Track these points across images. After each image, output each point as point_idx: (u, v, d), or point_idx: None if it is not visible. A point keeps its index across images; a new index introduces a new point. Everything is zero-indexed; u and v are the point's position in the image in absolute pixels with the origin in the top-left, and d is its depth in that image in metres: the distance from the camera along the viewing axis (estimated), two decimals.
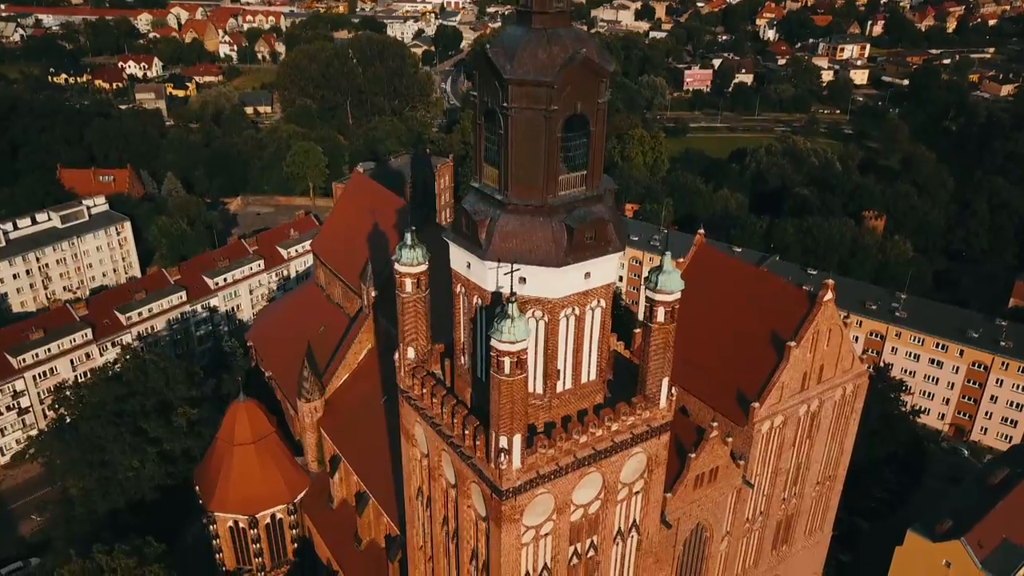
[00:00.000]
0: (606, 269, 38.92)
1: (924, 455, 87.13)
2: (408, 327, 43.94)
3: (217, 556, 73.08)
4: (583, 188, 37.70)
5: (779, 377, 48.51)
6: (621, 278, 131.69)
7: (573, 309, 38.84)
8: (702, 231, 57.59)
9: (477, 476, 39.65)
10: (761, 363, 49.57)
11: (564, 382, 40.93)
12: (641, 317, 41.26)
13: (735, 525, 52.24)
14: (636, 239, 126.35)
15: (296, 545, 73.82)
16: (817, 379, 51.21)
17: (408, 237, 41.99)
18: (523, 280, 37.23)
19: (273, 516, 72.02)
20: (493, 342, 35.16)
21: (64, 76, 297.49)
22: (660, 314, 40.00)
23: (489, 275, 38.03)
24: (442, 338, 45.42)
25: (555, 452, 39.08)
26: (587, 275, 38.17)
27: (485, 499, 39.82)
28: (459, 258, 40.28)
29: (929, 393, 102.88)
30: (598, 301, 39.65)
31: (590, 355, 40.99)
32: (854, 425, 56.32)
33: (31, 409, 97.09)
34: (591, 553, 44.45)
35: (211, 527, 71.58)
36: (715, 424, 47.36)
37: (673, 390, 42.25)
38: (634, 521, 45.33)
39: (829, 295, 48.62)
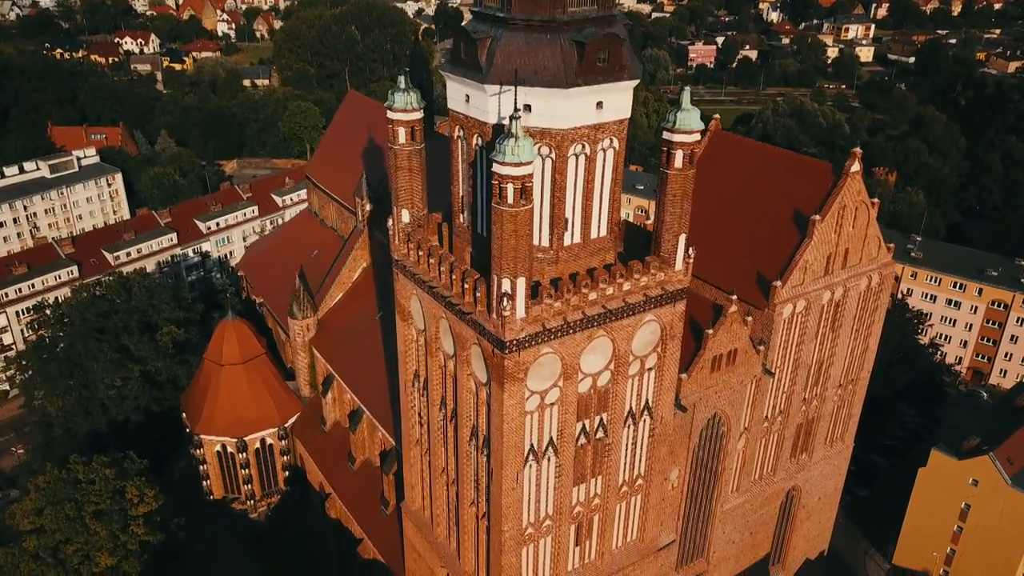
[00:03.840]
0: (620, 100, 35.48)
1: (942, 388, 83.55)
2: (402, 185, 40.41)
3: (204, 484, 69.76)
4: (594, 7, 34.17)
5: (803, 255, 44.99)
6: None
7: (583, 146, 35.37)
8: (717, 116, 54.05)
9: (478, 334, 36.20)
10: (783, 243, 46.06)
11: (572, 235, 37.49)
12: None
13: (753, 421, 48.76)
14: (641, 188, 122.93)
15: (287, 474, 70.51)
16: (842, 264, 47.72)
17: (401, 80, 38.48)
18: (528, 108, 33.76)
19: (263, 441, 68.73)
20: (495, 167, 31.69)
21: (60, 51, 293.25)
22: (678, 158, 36.59)
23: (491, 104, 34.56)
24: None
25: (562, 305, 35.61)
26: (599, 104, 34.71)
27: (486, 358, 36.36)
28: (457, 93, 36.82)
29: (946, 336, 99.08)
30: (611, 140, 36.20)
31: (601, 205, 37.57)
32: (879, 324, 52.87)
33: (14, 347, 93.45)
34: (600, 434, 41.02)
35: (198, 451, 68.23)
36: (734, 298, 43.79)
37: (691, 251, 38.77)
38: (647, 403, 41.88)
39: (856, 166, 45.14)
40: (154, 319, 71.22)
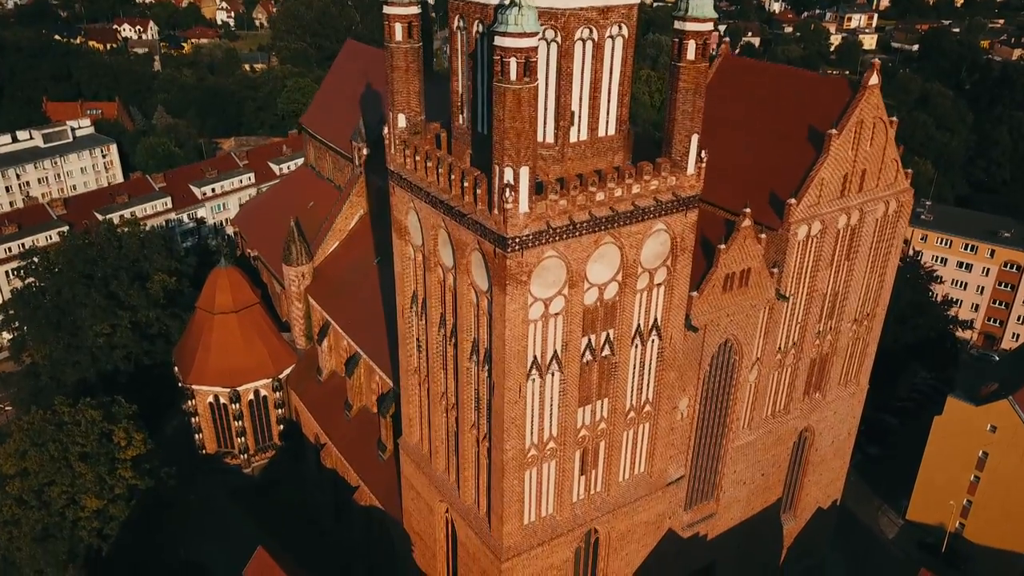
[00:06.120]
0: None
1: (955, 346, 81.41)
2: (398, 87, 38.44)
3: (197, 437, 67.68)
4: None
5: (818, 171, 42.91)
6: None
7: (591, 31, 33.29)
8: (727, 39, 51.89)
9: (478, 236, 34.16)
10: (798, 161, 43.97)
11: (579, 131, 35.45)
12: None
13: (766, 352, 46.68)
14: None
15: (282, 427, 68.44)
16: (859, 187, 45.69)
17: None
18: None
19: (257, 393, 66.64)
20: (497, 40, 29.67)
21: (57, 37, 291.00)
22: (690, 49, 34.56)
23: None
24: None
25: (567, 204, 33.56)
26: None
27: (487, 261, 34.33)
28: None
29: (957, 300, 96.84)
30: (620, 27, 34.13)
31: (609, 100, 35.50)
32: (895, 256, 50.93)
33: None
34: (607, 352, 38.97)
35: (190, 403, 66.12)
36: (747, 211, 41.65)
37: (703, 153, 36.74)
38: (655, 321, 39.83)
39: (875, 79, 43.03)
40: (145, 269, 69.07)
